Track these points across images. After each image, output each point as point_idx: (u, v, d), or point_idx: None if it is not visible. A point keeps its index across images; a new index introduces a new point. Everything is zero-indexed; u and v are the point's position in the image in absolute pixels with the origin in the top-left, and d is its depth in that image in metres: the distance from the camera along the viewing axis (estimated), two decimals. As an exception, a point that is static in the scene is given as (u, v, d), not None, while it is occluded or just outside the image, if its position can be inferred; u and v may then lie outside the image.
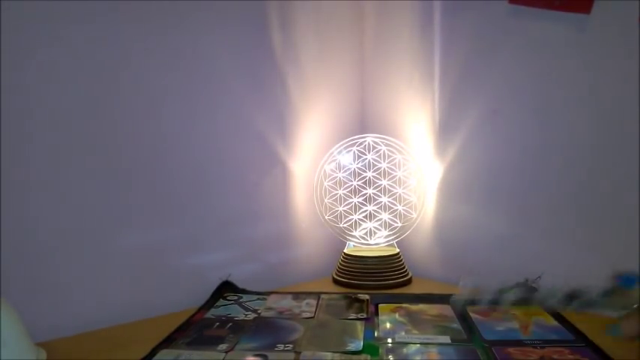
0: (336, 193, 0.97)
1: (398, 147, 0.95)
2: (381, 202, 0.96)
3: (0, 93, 0.66)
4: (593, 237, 0.76)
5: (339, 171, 0.97)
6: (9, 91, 0.66)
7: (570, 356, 0.57)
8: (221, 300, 0.81)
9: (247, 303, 0.80)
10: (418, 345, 0.61)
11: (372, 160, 0.96)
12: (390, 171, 0.95)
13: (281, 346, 0.61)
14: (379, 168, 0.96)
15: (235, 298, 0.82)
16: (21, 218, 0.68)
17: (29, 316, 0.59)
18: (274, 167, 0.97)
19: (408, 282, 0.93)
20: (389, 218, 0.96)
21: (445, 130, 0.96)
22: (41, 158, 0.70)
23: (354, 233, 0.97)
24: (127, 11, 0.76)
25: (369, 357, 0.58)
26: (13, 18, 0.66)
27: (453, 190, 0.95)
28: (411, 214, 0.96)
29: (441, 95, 0.96)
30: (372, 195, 0.96)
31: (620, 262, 0.71)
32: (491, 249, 0.89)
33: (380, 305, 0.78)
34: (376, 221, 0.97)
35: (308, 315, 0.74)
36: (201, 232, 0.86)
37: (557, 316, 0.70)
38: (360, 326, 0.68)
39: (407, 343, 0.62)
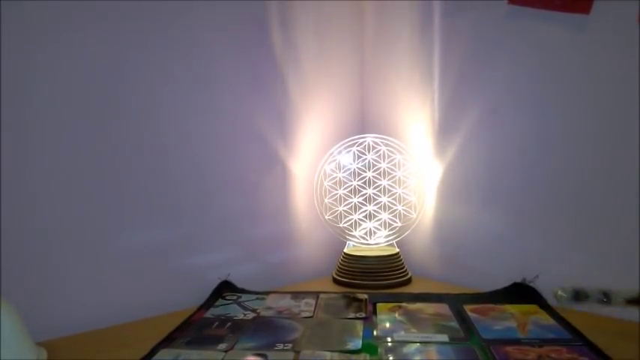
0: (336, 193, 0.97)
1: (398, 147, 0.95)
2: (381, 202, 0.96)
3: (0, 94, 0.66)
4: (593, 237, 0.76)
5: (339, 171, 0.97)
6: (9, 92, 0.67)
7: (568, 355, 0.57)
8: (220, 300, 0.82)
9: (246, 302, 0.80)
10: (417, 344, 0.61)
11: (372, 160, 0.96)
12: (389, 171, 0.96)
13: (280, 346, 0.61)
14: (379, 168, 0.96)
15: (234, 297, 0.83)
16: (21, 218, 0.68)
17: (29, 316, 0.59)
18: (274, 167, 0.97)
19: (408, 281, 0.93)
20: (389, 218, 0.96)
21: (445, 130, 0.96)
22: (41, 159, 0.70)
23: (354, 233, 0.97)
24: (127, 11, 0.76)
25: (368, 356, 0.58)
26: (12, 19, 0.66)
27: (452, 190, 0.96)
28: (411, 214, 0.96)
29: (440, 95, 0.96)
30: (371, 195, 0.97)
31: (619, 262, 0.72)
32: (490, 248, 0.89)
33: (378, 304, 0.78)
34: (376, 221, 0.97)
35: (307, 314, 0.74)
36: (200, 231, 0.87)
37: (555, 315, 0.70)
38: (359, 325, 0.69)
39: (406, 342, 0.62)
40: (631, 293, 0.59)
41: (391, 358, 0.58)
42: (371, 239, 0.97)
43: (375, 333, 0.66)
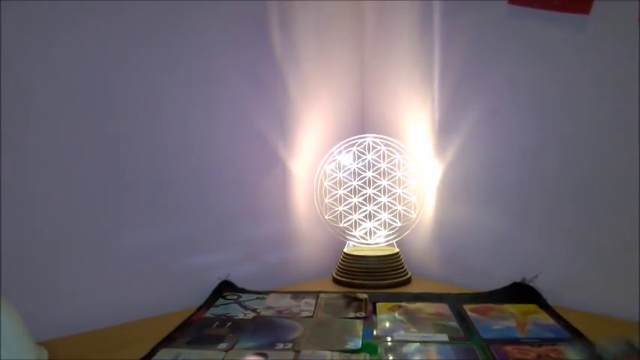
0: (336, 193, 0.97)
1: (398, 147, 0.95)
2: (381, 202, 0.96)
3: (0, 93, 0.66)
4: (593, 237, 0.76)
5: (339, 171, 0.97)
6: (10, 91, 0.67)
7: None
8: (220, 299, 0.82)
9: (246, 302, 0.80)
10: (417, 344, 0.61)
11: (372, 160, 0.96)
12: (389, 171, 0.96)
13: (280, 345, 0.61)
14: (379, 168, 0.96)
15: (234, 297, 0.83)
16: (21, 218, 0.68)
17: (30, 316, 0.59)
18: (274, 167, 0.97)
19: (408, 281, 0.93)
20: (388, 218, 0.96)
21: (445, 130, 0.96)
22: (41, 159, 0.70)
23: (353, 233, 0.97)
24: (127, 11, 0.76)
25: (367, 356, 0.58)
26: (12, 19, 0.66)
27: (452, 190, 0.96)
28: (411, 214, 0.96)
29: (440, 95, 0.96)
30: (371, 195, 0.97)
31: (619, 262, 0.72)
32: (490, 248, 0.89)
33: (378, 304, 0.78)
34: (376, 221, 0.97)
35: (307, 314, 0.74)
36: (200, 231, 0.87)
37: (554, 315, 0.70)
38: (358, 325, 0.69)
39: (406, 342, 0.62)
40: None
41: (391, 357, 0.58)
42: (371, 239, 0.97)
43: (374, 332, 0.66)
